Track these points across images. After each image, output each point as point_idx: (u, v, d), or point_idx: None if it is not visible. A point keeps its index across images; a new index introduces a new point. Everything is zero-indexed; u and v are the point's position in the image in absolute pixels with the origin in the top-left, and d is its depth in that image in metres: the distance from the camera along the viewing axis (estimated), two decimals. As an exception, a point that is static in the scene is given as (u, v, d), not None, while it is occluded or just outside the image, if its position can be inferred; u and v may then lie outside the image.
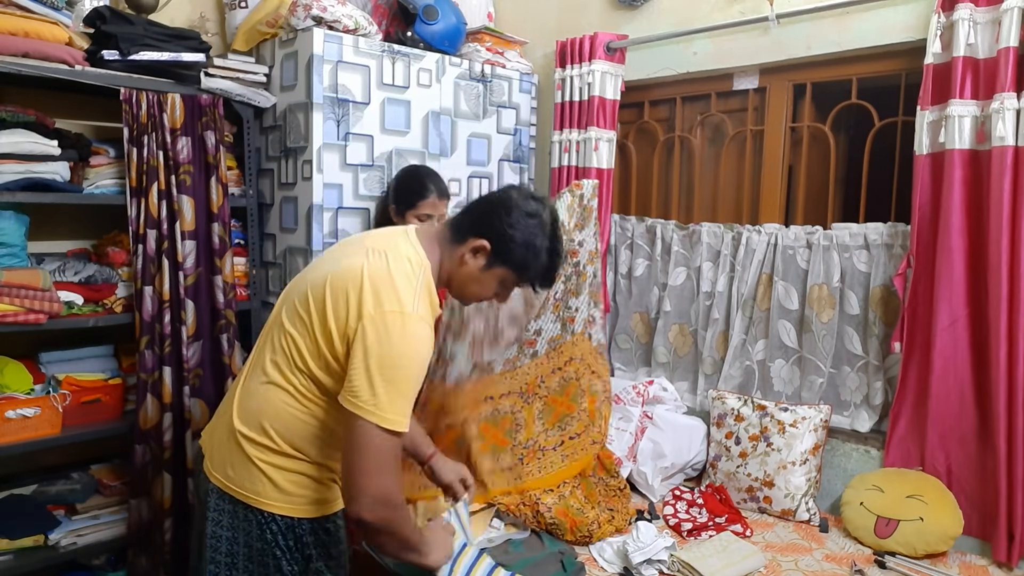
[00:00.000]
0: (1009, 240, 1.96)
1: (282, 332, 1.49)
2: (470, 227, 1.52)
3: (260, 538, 1.49)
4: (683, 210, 2.91)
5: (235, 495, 1.49)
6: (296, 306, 1.48)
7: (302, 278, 1.56)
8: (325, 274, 1.46)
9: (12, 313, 2.06)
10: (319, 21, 2.40)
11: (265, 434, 1.47)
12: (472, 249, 1.51)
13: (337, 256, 1.52)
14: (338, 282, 1.43)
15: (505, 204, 1.51)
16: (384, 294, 1.39)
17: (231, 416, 1.51)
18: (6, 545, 2.16)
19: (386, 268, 1.42)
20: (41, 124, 2.18)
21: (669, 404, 2.66)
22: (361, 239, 1.56)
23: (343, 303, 1.40)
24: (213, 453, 1.55)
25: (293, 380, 1.47)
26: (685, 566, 1.88)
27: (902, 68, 2.31)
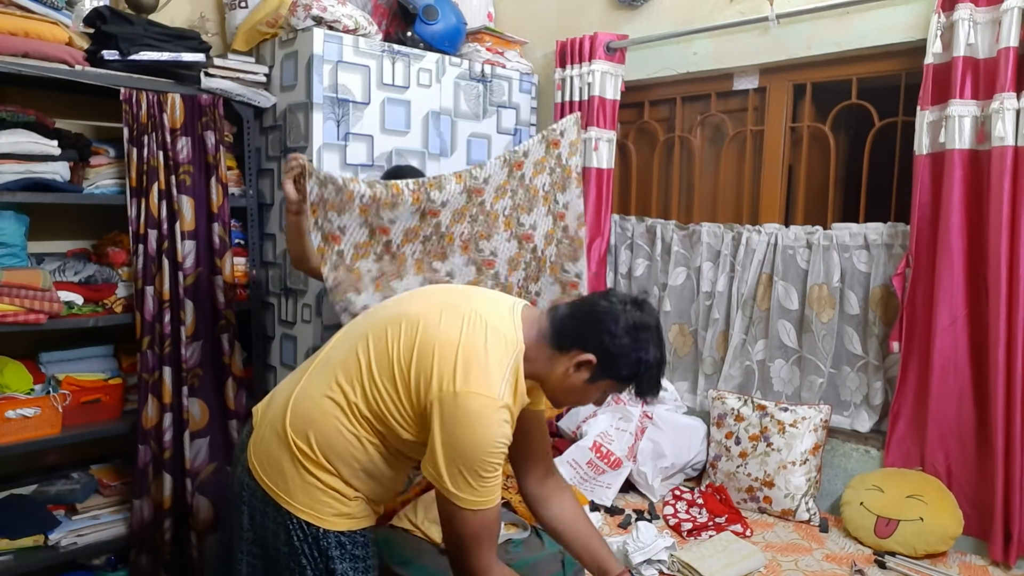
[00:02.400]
0: (1009, 240, 1.96)
1: (358, 357, 1.45)
2: (573, 339, 1.43)
3: (287, 541, 1.48)
4: (683, 210, 2.91)
5: (268, 491, 1.48)
6: (384, 336, 1.44)
7: (396, 307, 1.53)
8: (419, 321, 1.42)
9: (12, 313, 2.06)
10: (319, 21, 2.40)
11: (307, 442, 1.45)
12: (577, 363, 1.42)
13: (439, 304, 1.47)
14: (429, 341, 1.39)
15: (612, 316, 1.41)
16: (473, 372, 1.34)
17: (282, 415, 1.49)
18: (6, 545, 2.16)
19: (483, 344, 1.38)
20: (41, 124, 2.18)
21: (669, 404, 2.66)
22: (467, 294, 1.53)
23: (429, 366, 1.36)
24: (259, 449, 1.53)
25: (355, 407, 1.44)
26: (685, 567, 1.88)
27: (902, 68, 2.31)
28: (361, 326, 1.53)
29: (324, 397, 1.46)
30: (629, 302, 1.45)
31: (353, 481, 1.48)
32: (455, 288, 1.58)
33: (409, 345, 1.40)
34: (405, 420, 1.41)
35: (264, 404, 1.61)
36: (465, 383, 1.33)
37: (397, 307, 1.53)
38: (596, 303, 1.46)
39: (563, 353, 1.43)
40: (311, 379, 1.52)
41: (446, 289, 1.62)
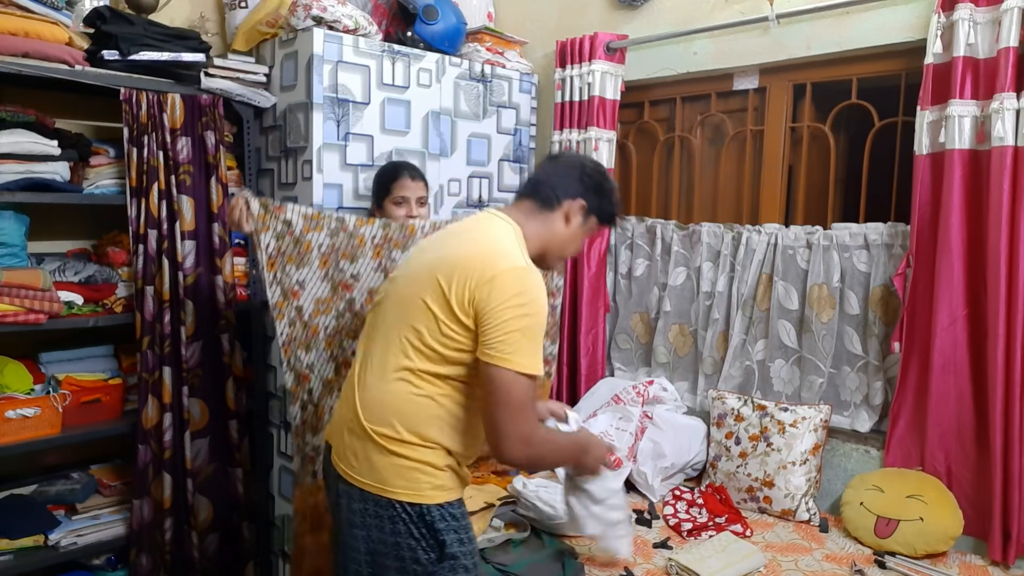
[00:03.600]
0: (1008, 240, 1.96)
1: (400, 330, 1.56)
2: (560, 193, 1.67)
3: (393, 531, 1.52)
4: (683, 210, 2.91)
5: (365, 487, 1.54)
6: (410, 301, 1.56)
7: (404, 277, 1.65)
8: (431, 266, 1.56)
9: (12, 313, 2.06)
10: (319, 21, 2.40)
11: (391, 427, 1.53)
12: (568, 212, 1.67)
13: (435, 249, 1.63)
14: (447, 266, 1.52)
15: (579, 164, 1.72)
16: (501, 257, 1.51)
17: (355, 414, 1.58)
18: (6, 545, 2.16)
19: (492, 239, 1.57)
20: (41, 124, 2.18)
21: (669, 404, 2.66)
22: (449, 232, 1.69)
23: (462, 278, 1.49)
24: (343, 453, 1.60)
25: (420, 371, 1.53)
26: (684, 568, 1.88)
27: (902, 68, 2.31)
28: (383, 315, 1.64)
29: (391, 382, 1.55)
30: (573, 154, 1.73)
31: (443, 441, 1.55)
32: (434, 236, 1.76)
33: (434, 284, 1.52)
34: (462, 339, 1.50)
35: (332, 424, 1.71)
36: (499, 265, 1.49)
37: (405, 279, 1.64)
38: (560, 162, 1.76)
39: (555, 210, 1.67)
40: (367, 378, 1.60)
41: (427, 241, 1.76)
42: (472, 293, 1.47)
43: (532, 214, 1.67)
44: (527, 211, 1.68)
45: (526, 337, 1.47)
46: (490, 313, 1.47)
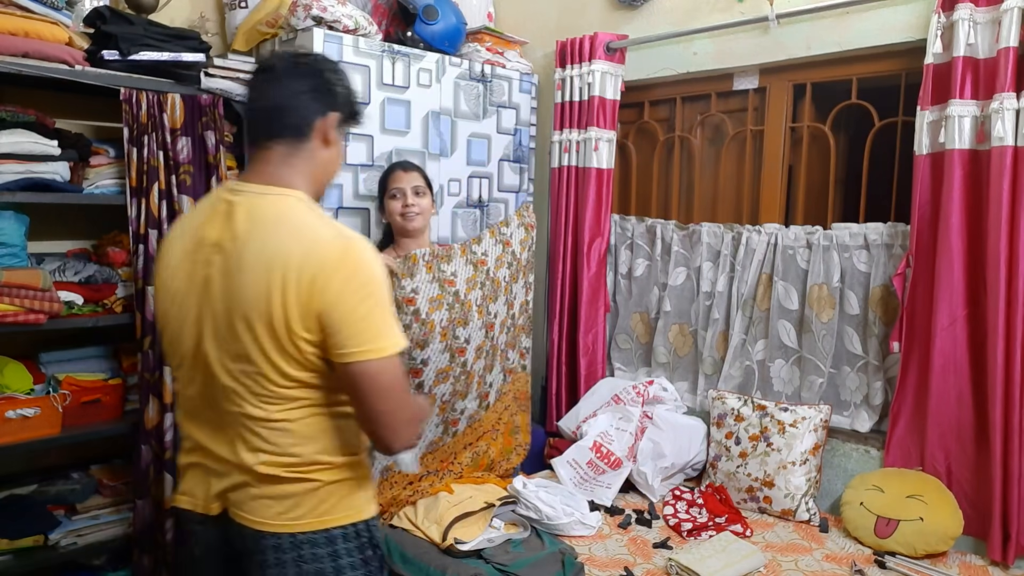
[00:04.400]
0: (1008, 240, 1.96)
1: (234, 372, 1.31)
2: (310, 115, 1.35)
3: (335, 568, 1.36)
4: (683, 210, 2.91)
5: (299, 531, 1.34)
6: (230, 340, 1.29)
7: (195, 316, 1.34)
8: (233, 290, 1.28)
9: (12, 313, 2.06)
10: (319, 21, 2.40)
11: (293, 459, 1.33)
12: (328, 128, 1.37)
13: (235, 268, 1.29)
14: (251, 277, 1.25)
15: (309, 73, 1.36)
16: (307, 234, 1.26)
17: (240, 467, 1.34)
18: (6, 545, 2.16)
19: (284, 216, 1.29)
20: (41, 124, 2.18)
21: (669, 404, 2.66)
22: (236, 242, 1.31)
23: (278, 283, 1.24)
24: (247, 506, 1.35)
25: (287, 400, 1.31)
26: (684, 568, 1.88)
27: (902, 68, 2.31)
28: (195, 362, 1.35)
29: (263, 425, 1.31)
30: (289, 59, 1.38)
31: (346, 449, 1.37)
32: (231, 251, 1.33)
33: (259, 308, 1.25)
34: (311, 349, 1.27)
35: (208, 487, 1.40)
36: (313, 253, 1.25)
37: (202, 316, 1.34)
38: (287, 76, 1.36)
39: (309, 137, 1.36)
40: (230, 428, 1.34)
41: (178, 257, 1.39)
42: (305, 291, 1.23)
43: (288, 158, 1.35)
44: (282, 158, 1.34)
45: (380, 312, 1.27)
46: (331, 303, 1.23)
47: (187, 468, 1.45)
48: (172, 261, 1.39)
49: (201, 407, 1.39)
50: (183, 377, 1.41)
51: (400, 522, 2.19)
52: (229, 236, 1.30)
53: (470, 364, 2.34)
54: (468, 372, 2.35)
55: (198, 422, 1.41)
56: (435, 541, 2.05)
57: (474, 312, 2.34)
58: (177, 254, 1.38)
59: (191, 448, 1.44)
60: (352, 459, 1.39)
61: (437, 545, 2.04)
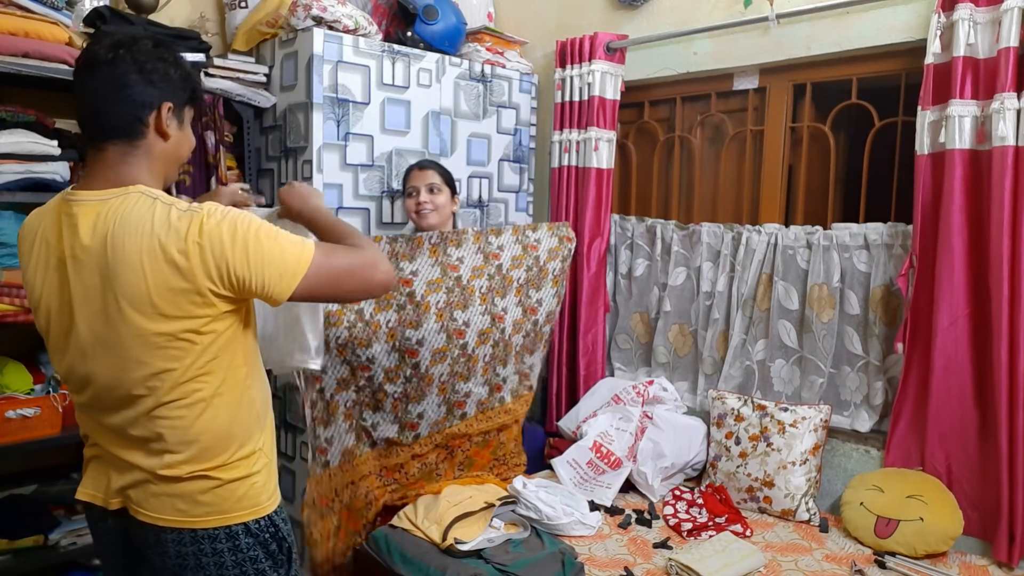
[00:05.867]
0: (1010, 240, 1.96)
1: (132, 377, 1.28)
2: (138, 111, 1.28)
3: (236, 562, 1.36)
4: (683, 210, 2.91)
5: (200, 526, 1.34)
6: (117, 346, 1.27)
7: (72, 319, 1.30)
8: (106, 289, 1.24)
9: (12, 313, 2.06)
10: (319, 21, 2.40)
11: (194, 455, 1.33)
12: (163, 120, 1.31)
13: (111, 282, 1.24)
14: (121, 279, 1.22)
15: (130, 65, 1.27)
16: (172, 224, 1.22)
17: (143, 462, 1.33)
18: (6, 545, 2.16)
19: (133, 217, 1.23)
20: (41, 124, 2.18)
21: (669, 404, 2.66)
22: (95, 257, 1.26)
23: (152, 279, 1.22)
24: (147, 503, 1.34)
25: (184, 395, 1.30)
26: (684, 568, 1.88)
27: (902, 68, 2.31)
28: (79, 355, 1.32)
29: (158, 419, 1.30)
30: (107, 52, 1.27)
31: (254, 436, 1.38)
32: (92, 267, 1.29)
33: (137, 303, 1.23)
34: (206, 316, 1.26)
35: (103, 484, 1.41)
36: (183, 232, 1.22)
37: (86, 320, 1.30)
38: (107, 73, 1.26)
39: (144, 136, 1.29)
40: (119, 428, 1.34)
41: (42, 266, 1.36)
42: (183, 267, 1.21)
43: (125, 157, 1.28)
44: (119, 157, 1.28)
45: (273, 239, 1.27)
46: (227, 265, 1.23)
47: (89, 461, 1.47)
48: (31, 276, 1.37)
49: (97, 411, 1.38)
50: (72, 387, 1.41)
51: (400, 522, 2.19)
52: (80, 247, 1.26)
53: (472, 347, 2.33)
54: (470, 356, 2.34)
55: (95, 422, 1.41)
56: (435, 541, 2.05)
57: (476, 298, 2.34)
58: (32, 267, 1.36)
59: (92, 444, 1.46)
60: (250, 452, 1.38)
61: (437, 545, 2.04)
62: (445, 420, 2.36)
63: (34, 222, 1.39)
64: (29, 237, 1.39)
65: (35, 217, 1.40)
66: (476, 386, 2.40)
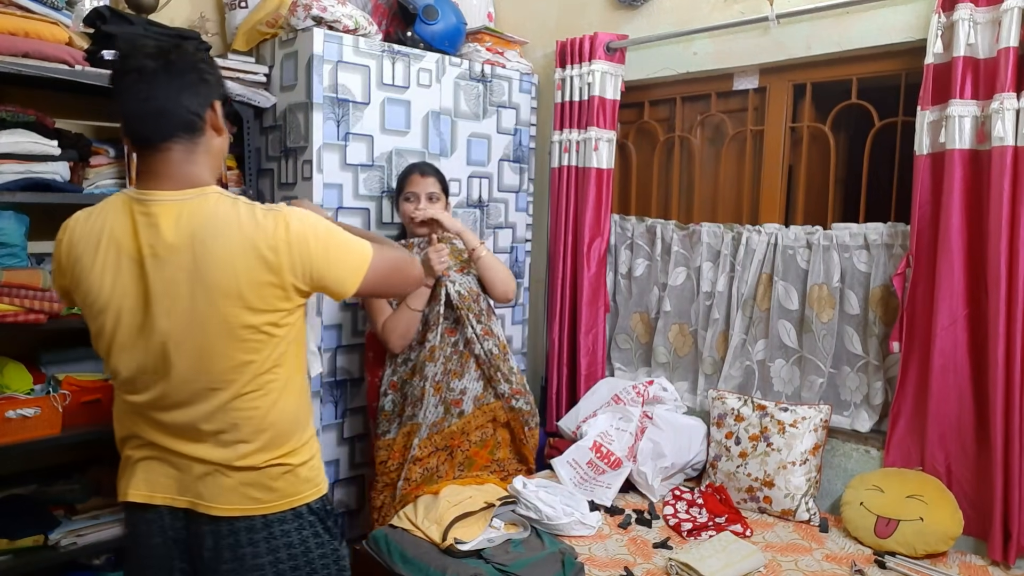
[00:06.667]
0: (1008, 240, 1.96)
1: (212, 371, 1.34)
2: (198, 109, 1.35)
3: (301, 540, 1.43)
4: (683, 210, 2.91)
5: (269, 512, 1.40)
6: (205, 342, 1.33)
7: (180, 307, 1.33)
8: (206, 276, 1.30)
9: (12, 313, 2.06)
10: (319, 21, 2.40)
11: (246, 442, 1.39)
12: (215, 117, 1.40)
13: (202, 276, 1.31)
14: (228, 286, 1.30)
15: (189, 65, 1.35)
16: (259, 218, 1.32)
17: (214, 455, 1.38)
18: (6, 545, 2.16)
19: (218, 216, 1.31)
20: (41, 124, 2.18)
21: (669, 404, 2.66)
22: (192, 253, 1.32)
23: (243, 278, 1.30)
24: (218, 497, 1.39)
25: (259, 388, 1.38)
26: (684, 568, 1.88)
27: (902, 68, 2.31)
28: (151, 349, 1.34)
29: (235, 408, 1.36)
30: (161, 56, 1.33)
31: (311, 420, 1.50)
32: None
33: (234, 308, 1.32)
34: (279, 316, 1.36)
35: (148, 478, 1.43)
36: (271, 227, 1.31)
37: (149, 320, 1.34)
38: (163, 71, 1.32)
39: (202, 132, 1.36)
40: (188, 425, 1.38)
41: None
42: (269, 264, 1.31)
43: (189, 155, 1.35)
44: (183, 156, 1.34)
45: (345, 239, 1.40)
46: (311, 262, 1.34)
47: (137, 463, 1.46)
48: (96, 278, 1.35)
49: (160, 410, 1.38)
50: (132, 388, 1.40)
51: (400, 522, 2.19)
52: (163, 245, 1.30)
53: (461, 345, 2.34)
54: (461, 352, 2.34)
55: (153, 424, 1.41)
56: (435, 541, 2.05)
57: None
58: (99, 269, 1.34)
59: (142, 444, 1.44)
60: (310, 436, 1.48)
61: (437, 545, 2.04)
62: (444, 421, 2.36)
63: (95, 224, 1.37)
64: (92, 239, 1.36)
65: (94, 219, 1.38)
66: (470, 382, 2.38)
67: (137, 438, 1.45)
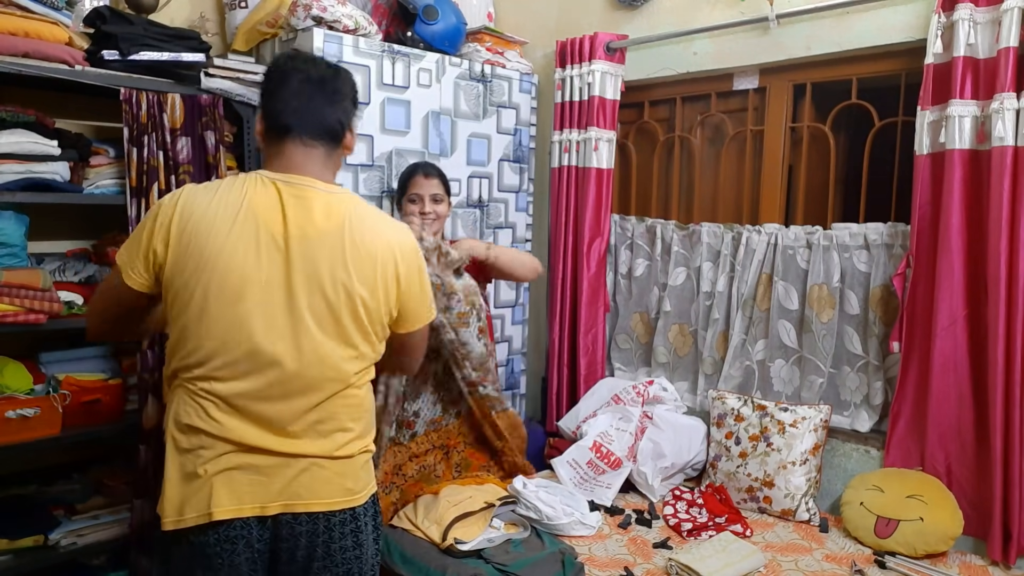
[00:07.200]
0: (1008, 240, 1.96)
1: (334, 359, 1.40)
2: (346, 123, 1.50)
3: (356, 543, 1.44)
4: (683, 210, 2.91)
5: (332, 508, 1.41)
6: (337, 329, 1.40)
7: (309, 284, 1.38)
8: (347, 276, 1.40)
9: (12, 313, 2.06)
10: (319, 21, 2.40)
11: (360, 435, 1.47)
12: (350, 136, 1.53)
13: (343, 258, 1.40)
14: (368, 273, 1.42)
15: (347, 82, 1.51)
16: (390, 233, 1.48)
17: (317, 451, 1.39)
18: (6, 545, 2.16)
19: (364, 216, 1.46)
20: (41, 124, 2.18)
21: (669, 404, 2.66)
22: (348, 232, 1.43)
23: (380, 275, 1.44)
24: (317, 491, 1.39)
25: (357, 384, 1.46)
26: (684, 568, 1.88)
27: (902, 68, 2.31)
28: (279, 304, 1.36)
29: (341, 394, 1.43)
30: (330, 67, 1.51)
31: (372, 423, 1.54)
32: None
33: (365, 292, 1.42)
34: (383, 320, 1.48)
35: (233, 490, 1.35)
36: (391, 239, 1.47)
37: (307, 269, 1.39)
38: (328, 83, 1.48)
39: (341, 145, 1.50)
40: (286, 417, 1.38)
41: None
42: (396, 289, 1.48)
43: (327, 160, 1.48)
44: (324, 159, 1.46)
45: (428, 291, 1.57)
46: (409, 297, 1.50)
47: (214, 476, 1.34)
48: (229, 244, 1.33)
49: (255, 401, 1.34)
50: (233, 372, 1.34)
51: (400, 522, 2.19)
52: (313, 228, 1.37)
53: (454, 337, 2.29)
54: (456, 343, 2.30)
55: (246, 418, 1.35)
56: (435, 541, 2.05)
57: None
58: (234, 237, 1.33)
59: (220, 454, 1.35)
60: (373, 431, 1.53)
61: (437, 545, 2.04)
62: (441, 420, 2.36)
63: (231, 195, 1.37)
64: (228, 208, 1.35)
65: (225, 190, 1.38)
66: (469, 370, 2.34)
67: (212, 447, 1.34)
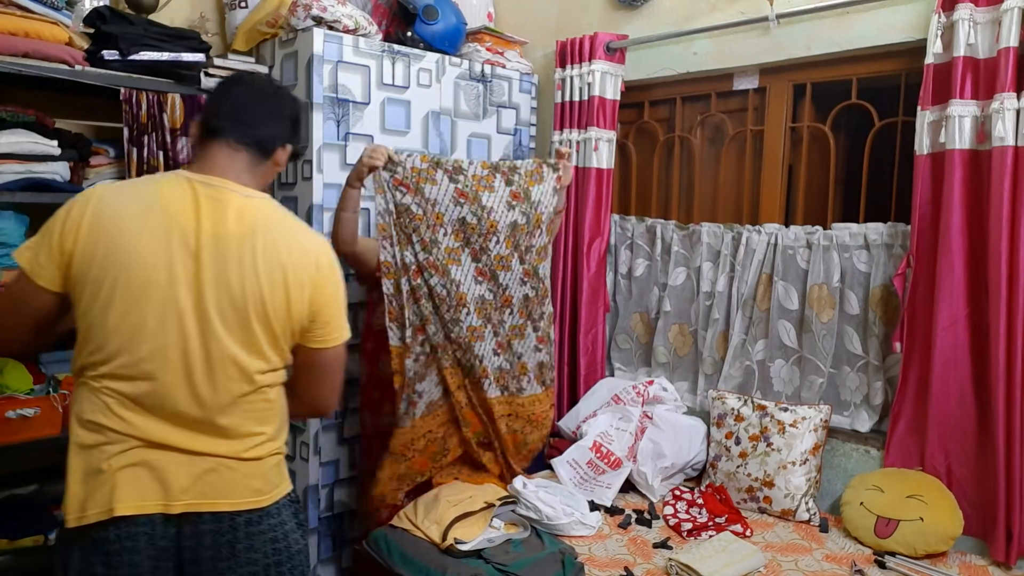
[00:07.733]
0: (1009, 240, 1.96)
1: (240, 362, 1.38)
2: (278, 141, 1.50)
3: (284, 534, 1.47)
4: (683, 210, 2.91)
5: (254, 505, 1.41)
6: (243, 332, 1.38)
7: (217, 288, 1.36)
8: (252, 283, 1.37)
9: (12, 313, 2.05)
10: (319, 21, 2.40)
11: (269, 437, 1.46)
12: (281, 156, 1.53)
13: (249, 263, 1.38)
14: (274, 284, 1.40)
15: (290, 107, 1.55)
16: (304, 241, 1.46)
17: (226, 452, 1.39)
18: (6, 545, 2.16)
19: (278, 222, 1.45)
20: (41, 124, 2.18)
21: (669, 404, 2.66)
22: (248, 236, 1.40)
23: (291, 282, 1.42)
24: (223, 491, 1.38)
25: (266, 386, 1.43)
26: (684, 568, 1.88)
27: (902, 68, 2.31)
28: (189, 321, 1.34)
29: (245, 398, 1.40)
30: (276, 85, 1.61)
31: (285, 423, 1.53)
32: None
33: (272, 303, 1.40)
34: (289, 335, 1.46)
35: (136, 486, 1.33)
36: (304, 248, 1.45)
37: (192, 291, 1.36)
38: (268, 100, 1.51)
39: (268, 159, 1.50)
40: (196, 417, 1.36)
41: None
42: (307, 299, 1.44)
43: (251, 167, 1.47)
44: (246, 165, 1.45)
45: (343, 308, 1.53)
46: (332, 300, 1.48)
47: (117, 472, 1.33)
48: (131, 241, 1.31)
49: (162, 402, 1.34)
50: (138, 371, 1.32)
51: (400, 522, 2.19)
52: (224, 231, 1.36)
53: (428, 347, 2.31)
54: (427, 354, 2.32)
55: (152, 415, 1.34)
56: (435, 541, 2.05)
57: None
58: (148, 235, 1.32)
59: (125, 449, 1.33)
60: (285, 433, 1.53)
61: (437, 545, 2.04)
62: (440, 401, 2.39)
63: (144, 192, 1.38)
64: (139, 206, 1.35)
65: (140, 188, 1.40)
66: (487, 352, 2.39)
67: (117, 442, 1.33)
